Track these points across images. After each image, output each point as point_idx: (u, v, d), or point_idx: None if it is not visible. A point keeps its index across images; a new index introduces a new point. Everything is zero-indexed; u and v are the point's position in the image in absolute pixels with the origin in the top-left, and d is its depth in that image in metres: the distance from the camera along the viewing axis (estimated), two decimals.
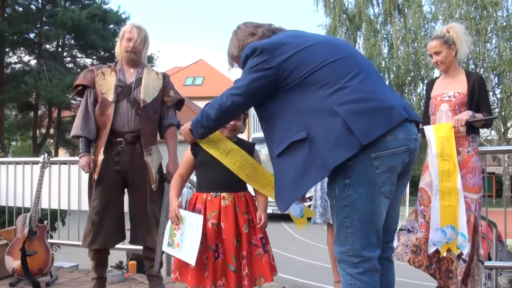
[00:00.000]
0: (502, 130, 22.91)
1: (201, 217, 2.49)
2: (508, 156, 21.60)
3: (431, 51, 3.46)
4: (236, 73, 2.61)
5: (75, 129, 3.42)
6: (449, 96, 3.40)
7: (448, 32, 3.42)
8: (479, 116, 3.28)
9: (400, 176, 2.13)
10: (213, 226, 2.52)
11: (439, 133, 3.29)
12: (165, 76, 3.59)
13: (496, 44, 22.91)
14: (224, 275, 2.52)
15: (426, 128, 3.33)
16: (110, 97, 3.36)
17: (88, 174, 3.47)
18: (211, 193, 2.59)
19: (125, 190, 3.52)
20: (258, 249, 2.59)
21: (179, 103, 3.64)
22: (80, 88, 3.52)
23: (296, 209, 2.71)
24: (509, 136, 24.29)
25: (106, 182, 3.36)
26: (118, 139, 3.36)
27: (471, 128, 3.34)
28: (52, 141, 26.54)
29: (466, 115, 3.24)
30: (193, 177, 3.25)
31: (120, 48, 3.49)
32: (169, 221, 2.60)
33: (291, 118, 2.09)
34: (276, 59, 2.10)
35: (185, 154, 2.74)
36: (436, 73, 23.35)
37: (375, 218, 2.07)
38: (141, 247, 3.64)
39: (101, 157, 3.36)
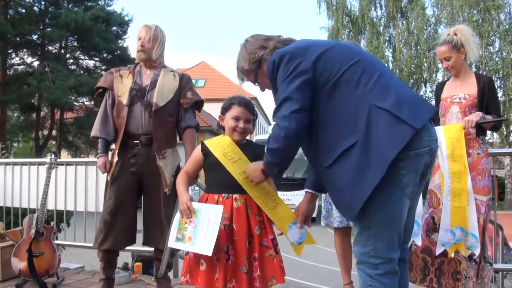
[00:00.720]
0: (505, 133, 22.87)
1: (221, 207, 2.46)
2: (510, 159, 21.59)
3: (441, 57, 3.44)
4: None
5: (94, 130, 3.45)
6: (460, 98, 3.39)
7: (456, 34, 3.40)
8: (489, 117, 3.27)
9: (420, 177, 2.14)
10: (225, 227, 2.50)
11: (449, 134, 3.28)
12: (182, 77, 3.52)
13: (499, 47, 22.91)
14: (234, 277, 2.49)
15: (435, 129, 3.32)
16: (124, 100, 3.36)
17: (97, 175, 3.47)
18: (223, 194, 2.56)
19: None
20: (269, 250, 2.56)
21: (198, 104, 3.59)
22: (100, 90, 3.55)
23: (295, 234, 2.57)
24: (511, 139, 24.25)
25: (121, 182, 3.36)
26: (134, 141, 3.36)
27: (481, 130, 3.34)
28: (54, 143, 26.54)
29: (476, 116, 3.23)
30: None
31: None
32: (178, 216, 2.57)
33: (333, 125, 2.06)
34: (309, 59, 2.07)
35: (194, 152, 2.73)
36: (439, 76, 23.42)
37: (398, 220, 2.07)
38: (146, 249, 3.61)
39: (115, 158, 3.37)
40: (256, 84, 2.42)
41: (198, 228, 2.46)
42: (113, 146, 3.52)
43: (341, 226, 3.55)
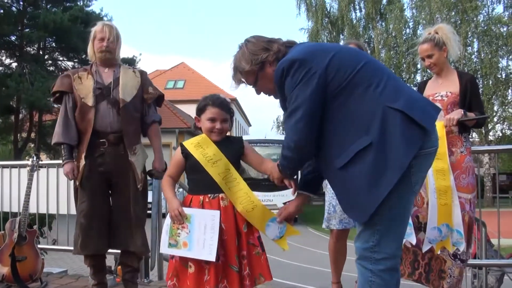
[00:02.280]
0: (483, 131, 23.23)
1: (218, 212, 2.47)
2: (489, 157, 21.95)
3: (423, 55, 3.45)
4: (222, 79, 2.46)
5: (56, 136, 3.37)
6: (442, 96, 3.41)
7: (437, 33, 3.42)
8: (471, 115, 3.29)
9: None
10: None
11: None
12: (142, 73, 3.55)
13: (477, 48, 23.31)
14: (225, 277, 2.48)
15: None
16: (90, 101, 3.31)
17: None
18: (209, 195, 2.55)
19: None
20: (256, 248, 2.55)
21: (159, 99, 3.59)
22: (58, 95, 3.46)
23: (274, 230, 2.56)
24: (490, 138, 24.65)
25: (92, 184, 3.31)
26: (101, 140, 3.31)
27: (463, 128, 3.36)
28: (33, 145, 26.14)
29: (457, 114, 3.25)
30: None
31: (92, 49, 3.45)
32: (168, 222, 2.56)
33: (346, 125, 2.07)
34: (319, 65, 2.06)
35: (174, 155, 2.71)
36: (418, 77, 23.72)
37: (405, 217, 2.13)
38: None
39: (82, 162, 3.31)
40: (254, 87, 2.38)
41: (193, 234, 2.46)
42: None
43: (339, 227, 3.56)
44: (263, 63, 2.28)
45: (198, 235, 2.44)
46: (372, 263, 2.08)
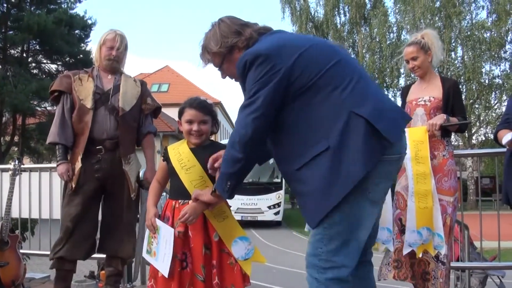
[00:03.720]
0: (467, 135, 23.49)
1: (172, 230, 2.45)
2: (472, 161, 22.19)
3: (408, 57, 3.49)
4: (206, 82, 2.38)
5: (52, 136, 3.34)
6: (425, 101, 3.45)
7: (423, 38, 3.47)
8: (454, 120, 3.33)
9: None
10: (179, 234, 2.45)
11: (414, 137, 3.33)
12: (143, 84, 3.57)
13: (460, 53, 23.59)
14: (192, 285, 2.46)
15: None
16: (88, 103, 3.29)
17: (62, 182, 3.39)
18: (179, 201, 2.53)
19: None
20: (230, 258, 2.50)
21: (156, 110, 3.61)
22: (56, 94, 3.44)
23: (240, 249, 2.48)
24: (473, 141, 24.94)
25: (86, 190, 3.28)
26: (97, 147, 3.29)
27: (446, 132, 3.40)
28: (16, 149, 25.85)
29: (440, 119, 3.28)
30: None
31: (99, 54, 3.42)
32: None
33: (307, 127, 1.96)
34: (283, 63, 1.95)
35: (160, 160, 2.70)
36: (401, 81, 23.93)
37: (359, 226, 1.97)
38: None
39: (78, 164, 3.28)
40: (219, 69, 2.27)
41: (160, 246, 2.48)
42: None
43: None
44: (232, 47, 2.17)
45: (162, 248, 2.46)
46: (319, 271, 1.95)
